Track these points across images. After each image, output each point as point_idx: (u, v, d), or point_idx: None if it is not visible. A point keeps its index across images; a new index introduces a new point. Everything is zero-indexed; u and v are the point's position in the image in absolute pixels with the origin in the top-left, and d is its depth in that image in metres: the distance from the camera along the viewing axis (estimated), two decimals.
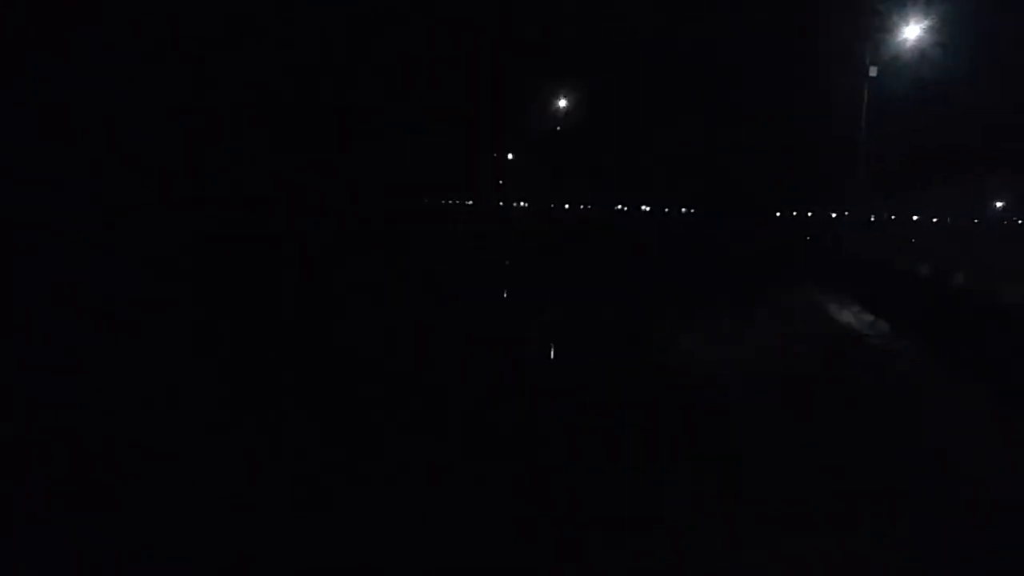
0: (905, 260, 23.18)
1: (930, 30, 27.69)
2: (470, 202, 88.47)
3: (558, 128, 67.46)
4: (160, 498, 7.64)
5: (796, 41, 63.34)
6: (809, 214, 70.25)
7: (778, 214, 76.75)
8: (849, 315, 20.38)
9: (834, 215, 56.55)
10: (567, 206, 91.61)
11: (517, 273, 33.61)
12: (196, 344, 14.99)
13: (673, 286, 27.62)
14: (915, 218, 52.71)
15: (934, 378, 14.19)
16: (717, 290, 26.47)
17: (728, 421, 10.78)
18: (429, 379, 12.91)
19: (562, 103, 60.83)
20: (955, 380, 13.82)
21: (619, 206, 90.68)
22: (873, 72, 29.44)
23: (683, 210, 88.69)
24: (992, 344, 13.42)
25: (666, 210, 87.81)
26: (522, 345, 16.72)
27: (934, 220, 51.44)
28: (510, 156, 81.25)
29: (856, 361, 15.53)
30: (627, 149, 79.50)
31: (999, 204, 46.03)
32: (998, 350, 13.03)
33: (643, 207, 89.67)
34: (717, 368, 13.91)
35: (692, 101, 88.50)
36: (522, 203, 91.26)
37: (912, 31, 27.57)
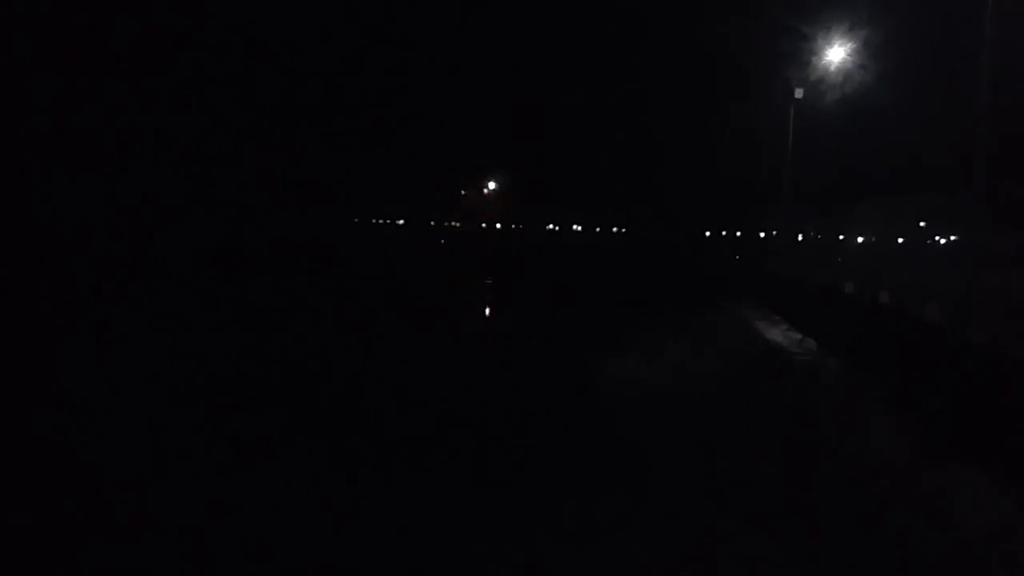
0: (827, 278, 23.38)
1: (855, 52, 27.75)
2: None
3: None
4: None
5: (726, 67, 64.38)
6: (738, 234, 71.06)
7: (707, 233, 77.65)
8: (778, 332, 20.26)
9: (763, 235, 57.19)
10: (498, 225, 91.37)
11: None
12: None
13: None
14: (841, 237, 53.63)
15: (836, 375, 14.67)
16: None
17: None
18: None
19: None
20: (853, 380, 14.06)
21: (550, 226, 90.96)
22: (799, 94, 29.37)
23: (615, 230, 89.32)
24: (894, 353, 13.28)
25: (597, 230, 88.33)
26: None
27: (859, 240, 52.42)
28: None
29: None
30: (560, 170, 79.84)
31: (922, 224, 47.04)
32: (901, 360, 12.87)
33: (574, 227, 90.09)
34: None
35: (625, 128, 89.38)
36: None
37: (836, 54, 27.53)
